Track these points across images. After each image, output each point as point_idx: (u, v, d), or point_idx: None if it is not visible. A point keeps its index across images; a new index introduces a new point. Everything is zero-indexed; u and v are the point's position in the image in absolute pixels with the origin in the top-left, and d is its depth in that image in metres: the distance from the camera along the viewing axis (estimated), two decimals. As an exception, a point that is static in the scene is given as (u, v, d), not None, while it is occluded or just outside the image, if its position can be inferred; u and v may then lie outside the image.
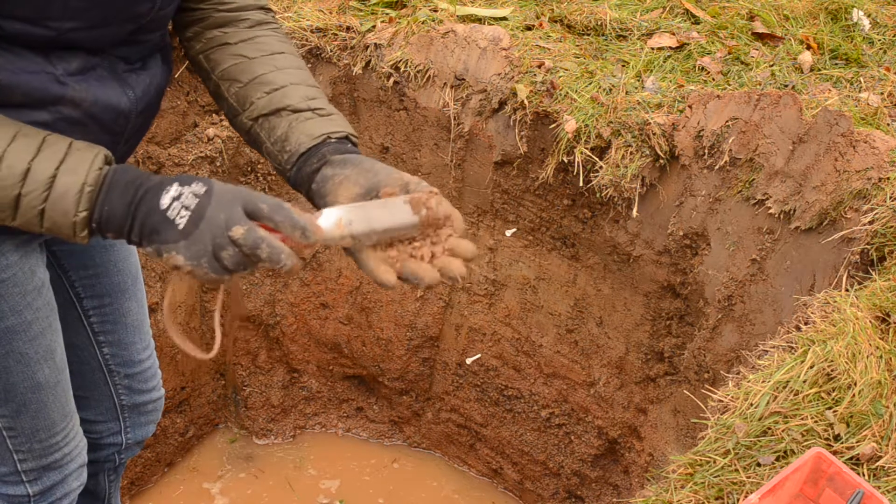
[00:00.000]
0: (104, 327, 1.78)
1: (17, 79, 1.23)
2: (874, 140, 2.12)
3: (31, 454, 1.62)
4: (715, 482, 1.52)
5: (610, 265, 2.63)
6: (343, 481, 3.14)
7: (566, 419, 2.93)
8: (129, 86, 1.36)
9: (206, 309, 2.96)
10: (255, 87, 1.38)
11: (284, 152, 1.35)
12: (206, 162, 2.70)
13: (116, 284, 1.75)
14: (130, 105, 1.37)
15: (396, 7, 2.79)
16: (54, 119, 1.28)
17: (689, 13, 2.81)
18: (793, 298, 2.08)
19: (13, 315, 1.46)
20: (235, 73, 1.40)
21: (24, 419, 1.57)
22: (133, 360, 1.85)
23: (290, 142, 1.34)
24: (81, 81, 1.29)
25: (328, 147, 1.33)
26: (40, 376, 1.54)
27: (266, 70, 1.39)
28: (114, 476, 2.00)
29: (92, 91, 1.30)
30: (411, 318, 3.05)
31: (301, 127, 1.35)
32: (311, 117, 1.36)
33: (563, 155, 2.47)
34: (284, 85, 1.38)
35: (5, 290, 1.43)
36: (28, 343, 1.49)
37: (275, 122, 1.37)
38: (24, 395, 1.53)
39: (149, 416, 1.94)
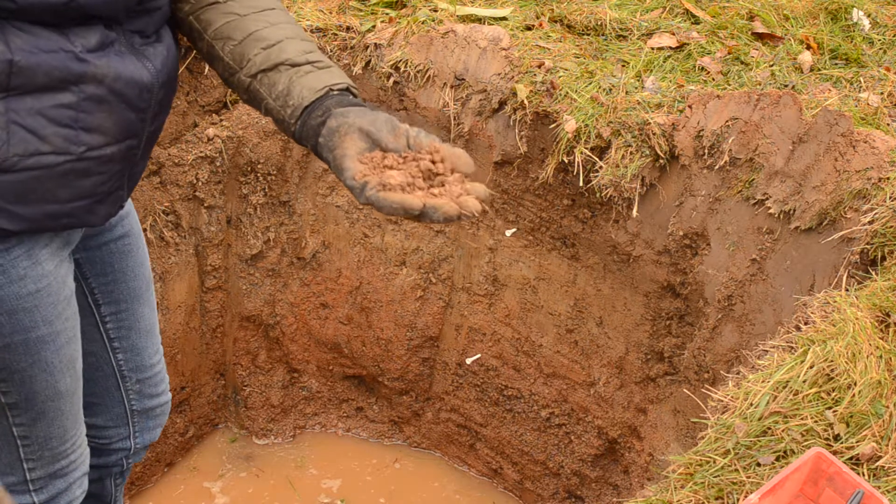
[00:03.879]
0: (119, 333, 1.78)
1: (37, 59, 1.23)
2: (874, 140, 2.12)
3: (40, 462, 1.62)
4: (715, 482, 1.53)
5: (610, 265, 2.63)
6: (344, 481, 3.14)
7: (566, 419, 2.93)
8: (148, 59, 1.37)
9: (206, 309, 2.96)
10: (250, 44, 1.39)
11: (287, 107, 1.36)
12: (206, 162, 2.70)
13: (133, 290, 1.75)
14: (152, 78, 1.37)
15: (396, 7, 2.79)
16: (79, 100, 1.28)
17: (689, 13, 2.81)
18: (793, 298, 2.08)
19: (45, 325, 1.46)
20: (228, 31, 1.40)
21: (40, 427, 1.57)
22: (145, 364, 1.85)
23: (293, 96, 1.35)
24: (101, 57, 1.29)
25: (331, 99, 1.34)
26: (62, 385, 1.54)
27: (260, 26, 1.40)
28: (120, 480, 2.01)
29: (113, 66, 1.30)
30: (411, 318, 3.05)
31: (302, 81, 1.36)
32: (310, 70, 1.37)
33: (563, 155, 2.47)
34: (280, 40, 1.39)
35: (40, 300, 1.44)
36: (55, 353, 1.50)
37: (274, 77, 1.37)
38: (44, 404, 1.54)
39: (156, 420, 1.94)
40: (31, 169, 1.29)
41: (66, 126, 1.29)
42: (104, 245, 1.67)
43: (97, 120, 1.32)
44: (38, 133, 1.27)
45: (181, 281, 2.80)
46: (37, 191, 1.32)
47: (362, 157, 1.26)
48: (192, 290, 2.87)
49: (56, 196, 1.34)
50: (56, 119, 1.28)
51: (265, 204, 2.88)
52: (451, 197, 1.24)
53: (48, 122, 1.28)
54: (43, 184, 1.32)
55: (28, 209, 1.33)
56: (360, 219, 2.97)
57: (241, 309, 3.04)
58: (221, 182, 2.78)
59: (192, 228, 2.78)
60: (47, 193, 1.33)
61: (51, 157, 1.30)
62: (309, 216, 2.96)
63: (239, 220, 2.90)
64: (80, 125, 1.30)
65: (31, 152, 1.28)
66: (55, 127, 1.28)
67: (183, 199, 2.71)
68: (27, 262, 1.40)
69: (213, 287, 2.93)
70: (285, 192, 2.89)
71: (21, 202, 1.31)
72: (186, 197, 2.71)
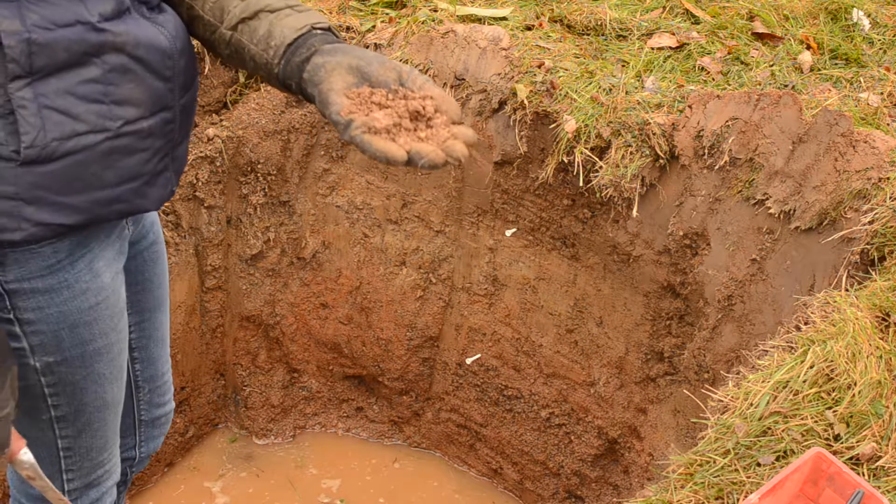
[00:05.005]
0: (140, 343, 1.78)
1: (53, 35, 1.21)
2: (874, 140, 2.12)
3: (79, 473, 1.61)
4: (715, 482, 1.53)
5: (610, 265, 2.63)
6: (344, 481, 3.14)
7: (566, 419, 2.93)
8: (161, 25, 1.36)
9: (206, 309, 2.96)
10: None
11: (269, 48, 1.34)
12: (206, 162, 2.70)
13: (157, 298, 1.75)
14: (170, 43, 1.35)
15: (396, 7, 2.79)
16: (104, 72, 1.27)
17: (689, 13, 2.81)
18: (793, 298, 2.08)
19: (101, 337, 1.46)
20: None
21: (85, 438, 1.57)
22: (157, 373, 1.85)
23: (275, 36, 1.34)
24: (119, 24, 1.28)
25: (315, 37, 1.33)
26: (109, 395, 1.54)
27: None
28: (123, 489, 2.01)
29: (132, 32, 1.29)
30: (411, 318, 3.05)
31: (283, 22, 1.34)
32: (290, 13, 1.36)
33: (563, 155, 2.47)
34: None
35: (99, 313, 1.44)
36: (108, 364, 1.50)
37: (254, 24, 1.36)
38: (91, 415, 1.53)
39: (161, 428, 1.95)
40: (72, 153, 1.27)
41: (96, 101, 1.27)
42: (138, 254, 1.66)
43: (126, 91, 1.30)
44: (70, 113, 1.25)
45: (181, 281, 2.80)
46: (83, 177, 1.29)
47: (349, 92, 1.23)
48: (192, 290, 2.87)
49: (103, 180, 1.32)
50: (86, 96, 1.26)
51: (265, 204, 2.88)
52: (437, 142, 1.21)
53: (78, 101, 1.26)
54: (87, 168, 1.29)
55: (78, 198, 1.30)
56: (360, 219, 2.97)
57: (241, 309, 3.04)
58: (221, 182, 2.78)
59: (192, 228, 2.78)
60: (94, 178, 1.31)
61: (89, 136, 1.27)
62: (309, 216, 2.96)
63: (239, 220, 2.90)
64: (110, 99, 1.29)
65: (69, 134, 1.26)
66: (86, 104, 1.27)
67: (183, 199, 2.71)
68: (89, 275, 1.40)
69: (213, 287, 2.93)
70: (285, 192, 2.89)
71: (70, 191, 1.29)
72: (186, 197, 2.71)
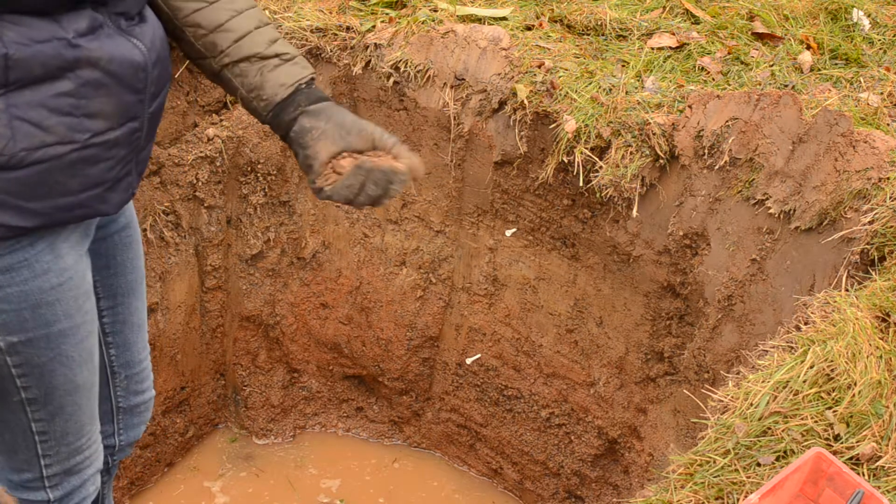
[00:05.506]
0: (114, 328, 1.79)
1: (31, 50, 1.24)
2: (874, 140, 2.12)
3: (57, 458, 1.62)
4: (715, 482, 1.53)
5: (610, 265, 2.63)
6: (344, 481, 3.14)
7: (566, 419, 2.93)
8: (137, 38, 1.39)
9: (206, 309, 2.96)
10: (221, 35, 1.50)
11: (261, 100, 1.52)
12: (206, 162, 2.70)
13: (130, 283, 1.76)
14: (143, 56, 1.39)
15: (396, 7, 2.79)
16: (77, 86, 1.30)
17: (689, 13, 2.81)
18: (793, 298, 2.08)
19: (66, 319, 1.47)
20: (198, 19, 1.50)
21: (58, 422, 1.57)
22: (134, 360, 1.86)
23: (266, 91, 1.51)
24: (93, 40, 1.31)
25: (301, 95, 1.51)
26: (80, 378, 1.55)
27: (228, 16, 1.50)
28: (107, 478, 2.01)
29: (106, 48, 1.33)
30: (411, 318, 3.05)
31: (272, 76, 1.51)
32: (278, 64, 1.51)
33: (563, 155, 2.47)
34: (248, 31, 1.51)
35: (62, 293, 1.45)
36: (75, 346, 1.51)
37: (245, 68, 1.51)
38: (63, 398, 1.54)
39: (140, 416, 1.95)
40: (39, 162, 1.30)
41: (67, 114, 1.31)
42: (108, 237, 1.68)
43: (97, 105, 1.34)
44: (41, 125, 1.29)
45: (181, 281, 2.80)
46: (47, 184, 1.33)
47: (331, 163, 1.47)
48: (192, 290, 2.87)
49: (67, 187, 1.35)
50: (57, 108, 1.29)
51: (265, 204, 2.88)
52: None
53: (50, 113, 1.29)
54: (53, 176, 1.33)
55: (40, 203, 1.34)
56: (360, 219, 2.97)
57: (241, 309, 3.04)
58: (221, 182, 2.78)
59: (192, 228, 2.78)
60: (58, 185, 1.34)
61: (57, 147, 1.31)
62: (309, 216, 2.96)
63: (239, 220, 2.90)
64: (81, 112, 1.32)
65: (37, 145, 1.29)
66: (58, 116, 1.30)
67: (183, 199, 2.71)
68: (50, 255, 1.41)
69: (213, 287, 2.93)
70: (285, 192, 2.89)
71: (33, 197, 1.33)
72: (186, 197, 2.71)
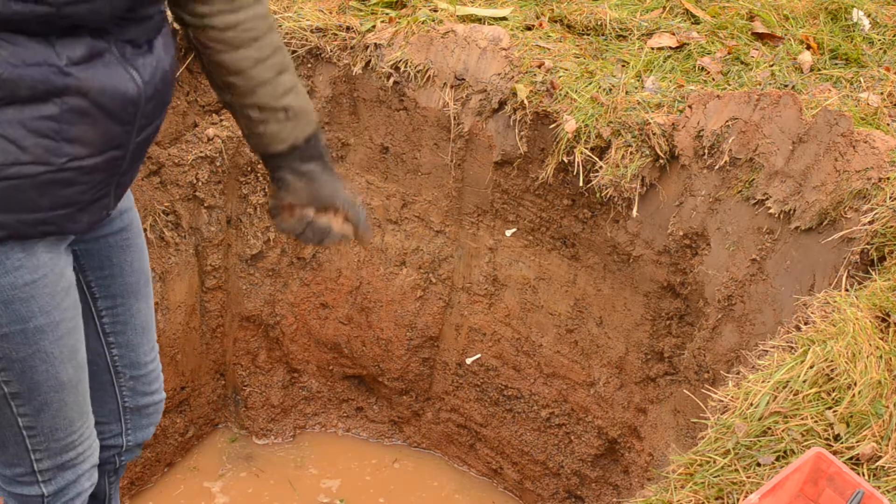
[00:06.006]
0: (115, 328, 1.78)
1: (20, 72, 1.24)
2: (874, 140, 2.12)
3: (48, 453, 1.62)
4: (715, 482, 1.53)
5: (610, 265, 2.63)
6: (344, 481, 3.14)
7: (566, 419, 2.93)
8: (137, 70, 1.38)
9: (206, 309, 2.96)
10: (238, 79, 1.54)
11: (257, 143, 1.61)
12: (206, 162, 2.70)
13: (130, 285, 1.75)
14: (138, 90, 1.38)
15: (396, 7, 2.79)
16: (61, 111, 1.30)
17: (689, 13, 2.81)
18: (793, 298, 2.08)
19: (42, 315, 1.47)
20: (220, 59, 1.53)
21: (45, 418, 1.58)
22: (139, 361, 1.85)
23: (264, 139, 1.59)
24: (87, 69, 1.30)
25: (295, 153, 1.61)
26: (63, 375, 1.55)
27: (250, 64, 1.53)
28: (113, 478, 2.01)
29: (98, 79, 1.32)
30: (411, 318, 3.05)
31: (273, 129, 1.58)
32: (283, 119, 1.57)
33: (563, 155, 2.47)
34: (265, 81, 1.54)
35: (36, 290, 1.45)
36: (54, 343, 1.51)
37: (251, 112, 1.57)
38: (47, 395, 1.55)
39: (150, 418, 1.94)
40: (10, 178, 1.31)
41: (47, 137, 1.30)
42: (102, 238, 1.67)
43: (79, 132, 1.33)
44: (18, 143, 1.29)
45: (181, 281, 2.80)
46: (17, 199, 1.33)
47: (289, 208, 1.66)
48: (192, 290, 2.87)
49: (37, 204, 1.36)
50: (37, 130, 1.29)
51: (265, 204, 2.88)
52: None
53: (29, 133, 1.29)
54: (23, 193, 1.33)
55: (6, 216, 1.35)
56: (360, 219, 2.97)
57: (241, 309, 3.04)
58: (221, 182, 2.78)
59: (192, 228, 2.78)
60: (27, 202, 1.35)
61: (31, 166, 1.31)
62: (309, 216, 2.96)
63: (239, 220, 2.90)
64: (62, 136, 1.31)
65: (11, 162, 1.29)
66: (36, 138, 1.30)
67: (183, 199, 2.71)
68: (21, 252, 1.41)
69: (213, 287, 2.93)
70: (285, 192, 2.89)
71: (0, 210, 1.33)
72: (186, 197, 2.71)
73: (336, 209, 1.66)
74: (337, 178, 1.68)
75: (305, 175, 1.62)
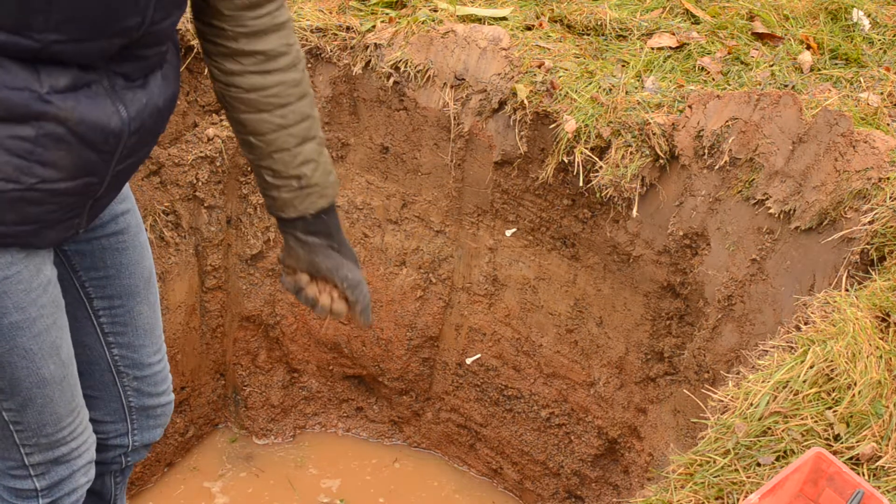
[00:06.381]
0: (114, 328, 1.77)
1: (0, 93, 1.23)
2: (874, 140, 2.12)
3: (37, 448, 1.62)
4: (715, 482, 1.53)
5: (610, 265, 2.63)
6: (344, 481, 3.14)
7: (566, 419, 2.93)
8: (124, 104, 1.37)
9: (206, 309, 2.96)
10: (257, 140, 1.56)
11: (271, 206, 1.64)
12: (206, 162, 2.70)
13: (127, 287, 1.74)
14: (122, 124, 1.37)
15: (396, 7, 2.79)
16: (38, 135, 1.29)
17: (689, 13, 2.81)
18: (793, 298, 2.08)
19: (17, 311, 1.46)
20: (241, 118, 1.55)
21: (30, 413, 1.57)
22: (143, 363, 1.83)
23: (276, 202, 1.62)
24: (69, 99, 1.29)
25: (301, 223, 1.63)
26: (45, 372, 1.54)
27: (268, 129, 1.55)
28: (120, 478, 1.99)
29: (79, 110, 1.30)
30: (411, 318, 3.05)
31: (283, 195, 1.60)
32: (293, 188, 1.59)
33: (563, 155, 2.47)
34: (282, 148, 1.56)
35: (9, 286, 1.44)
36: (32, 339, 1.50)
37: (265, 175, 1.60)
38: (30, 391, 1.54)
39: (157, 419, 1.93)
40: None
41: (19, 156, 1.29)
42: (94, 240, 1.66)
43: (54, 156, 1.32)
44: None
45: (181, 281, 2.80)
46: None
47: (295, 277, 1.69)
48: (192, 290, 2.87)
49: (2, 218, 1.35)
50: (10, 149, 1.28)
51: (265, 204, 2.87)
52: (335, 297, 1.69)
53: (1, 151, 1.28)
54: None
55: None
56: (360, 219, 2.97)
57: (241, 309, 3.04)
58: (221, 182, 2.78)
59: (192, 228, 2.78)
60: None
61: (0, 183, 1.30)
62: (309, 216, 2.96)
63: (239, 220, 2.90)
64: (34, 158, 1.30)
65: None
66: (8, 156, 1.28)
67: (183, 199, 2.71)
68: None
69: (213, 287, 2.93)
70: (285, 192, 2.89)
71: None
72: (186, 197, 2.71)
73: (333, 285, 1.67)
74: (344, 256, 1.68)
75: (307, 245, 1.65)
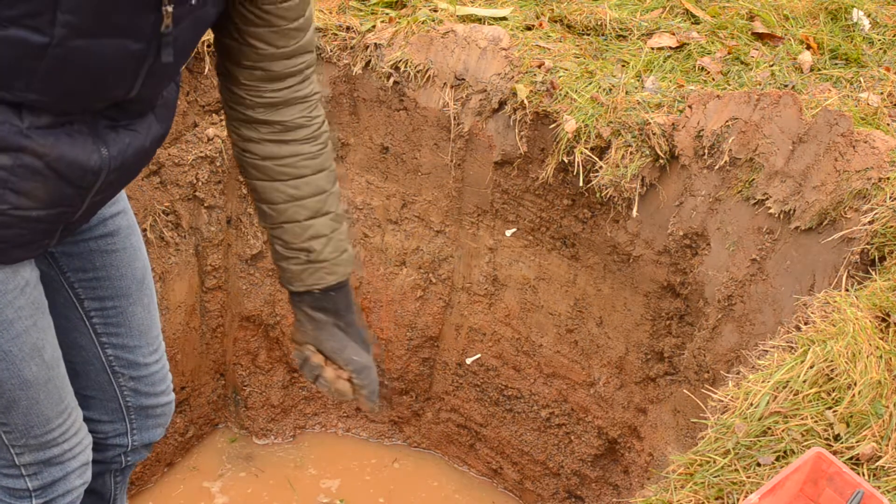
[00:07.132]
0: (108, 329, 1.76)
1: None
2: (874, 140, 2.12)
3: (27, 448, 1.61)
4: (715, 482, 1.53)
5: (610, 265, 2.63)
6: (343, 481, 3.14)
7: (566, 419, 2.93)
8: (106, 144, 1.37)
9: (206, 309, 2.96)
10: (269, 208, 1.58)
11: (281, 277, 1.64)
12: (206, 162, 2.70)
13: (119, 289, 1.73)
14: (101, 163, 1.37)
15: (396, 7, 2.79)
16: (14, 165, 1.29)
17: (689, 13, 2.81)
18: (793, 298, 2.08)
19: None
20: (254, 185, 1.58)
21: (16, 415, 1.56)
22: (139, 363, 1.82)
23: (286, 272, 1.62)
24: (49, 136, 1.30)
25: (308, 297, 1.63)
26: (27, 373, 1.53)
27: (280, 199, 1.56)
28: (120, 478, 1.98)
29: (59, 147, 1.31)
30: (411, 318, 3.05)
31: (294, 269, 1.61)
32: (303, 261, 1.60)
33: (563, 155, 2.47)
34: (292, 219, 1.57)
35: None
36: (11, 341, 1.49)
37: (277, 245, 1.61)
38: (13, 392, 1.53)
39: (157, 419, 1.92)
40: None
41: None
42: (83, 241, 1.65)
43: (29, 187, 1.32)
44: None
45: (181, 281, 2.80)
46: None
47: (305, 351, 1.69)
48: (192, 290, 2.87)
49: None
50: None
51: (265, 204, 2.87)
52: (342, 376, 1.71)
53: None
54: None
55: None
56: (360, 219, 2.97)
57: (241, 309, 3.04)
58: (221, 182, 2.78)
59: (192, 228, 2.78)
60: None
61: None
62: (309, 216, 2.96)
63: (239, 220, 2.90)
64: (9, 186, 1.31)
65: None
66: None
67: (183, 199, 2.71)
68: None
69: (213, 287, 2.93)
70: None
71: None
72: (186, 197, 2.71)
73: (335, 362, 1.67)
74: (350, 337, 1.67)
75: (314, 320, 1.65)
